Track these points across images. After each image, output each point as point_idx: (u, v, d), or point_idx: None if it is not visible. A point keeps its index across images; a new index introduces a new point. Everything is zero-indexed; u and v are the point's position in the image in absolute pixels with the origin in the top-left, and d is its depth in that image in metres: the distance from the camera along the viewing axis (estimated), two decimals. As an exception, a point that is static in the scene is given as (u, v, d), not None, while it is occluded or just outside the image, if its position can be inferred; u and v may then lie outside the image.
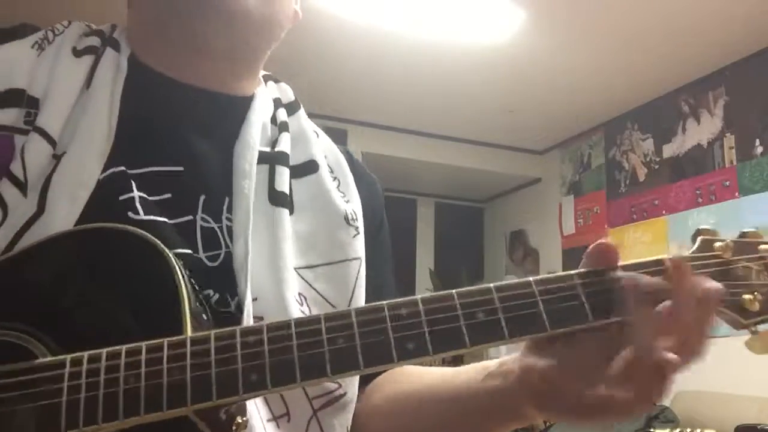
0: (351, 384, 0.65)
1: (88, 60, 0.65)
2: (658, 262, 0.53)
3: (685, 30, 3.28)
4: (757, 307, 0.54)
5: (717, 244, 0.56)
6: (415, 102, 4.27)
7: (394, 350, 0.47)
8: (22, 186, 0.57)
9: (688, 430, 3.02)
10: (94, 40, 0.68)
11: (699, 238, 0.57)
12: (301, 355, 0.46)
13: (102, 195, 0.58)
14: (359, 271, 0.68)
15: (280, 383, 0.46)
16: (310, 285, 0.64)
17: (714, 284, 0.50)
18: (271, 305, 0.59)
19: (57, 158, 0.59)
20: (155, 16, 0.68)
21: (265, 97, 0.73)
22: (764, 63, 3.47)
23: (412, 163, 4.87)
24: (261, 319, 0.58)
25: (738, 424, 2.87)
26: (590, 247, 0.53)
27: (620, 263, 0.53)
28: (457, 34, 3.36)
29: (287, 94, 0.77)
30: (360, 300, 0.67)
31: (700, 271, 0.54)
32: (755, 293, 0.54)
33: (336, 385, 0.63)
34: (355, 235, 0.69)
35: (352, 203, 0.71)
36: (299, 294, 0.62)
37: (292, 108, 0.75)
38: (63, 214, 0.55)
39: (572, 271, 0.53)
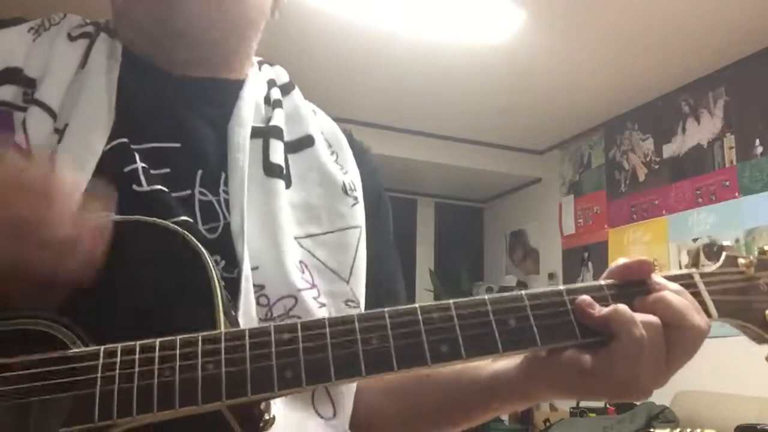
0: None
1: (83, 43, 0.68)
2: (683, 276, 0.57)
3: (685, 30, 3.28)
4: None
5: (741, 261, 0.58)
6: (415, 102, 4.27)
7: (428, 352, 0.48)
8: (26, 157, 0.57)
9: (688, 430, 3.02)
10: (89, 28, 0.70)
11: (723, 254, 0.59)
12: (335, 354, 0.47)
13: (107, 165, 0.59)
14: (359, 239, 0.69)
15: (314, 381, 0.46)
16: (311, 253, 0.65)
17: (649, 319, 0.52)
18: (271, 273, 0.60)
19: (59, 132, 0.60)
20: (125, 10, 0.69)
21: (258, 78, 0.75)
22: (764, 63, 3.47)
23: (412, 163, 4.87)
24: (262, 287, 0.59)
25: (738, 424, 2.87)
26: (630, 261, 0.56)
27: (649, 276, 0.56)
28: (457, 34, 3.36)
29: (281, 76, 0.79)
30: (361, 267, 0.68)
31: (725, 286, 0.57)
32: None
33: None
34: (353, 204, 0.70)
35: (350, 174, 0.73)
36: (300, 262, 0.63)
37: (286, 88, 0.77)
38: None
39: (602, 282, 0.55)
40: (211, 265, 0.52)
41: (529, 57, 3.59)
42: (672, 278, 0.56)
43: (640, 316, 0.51)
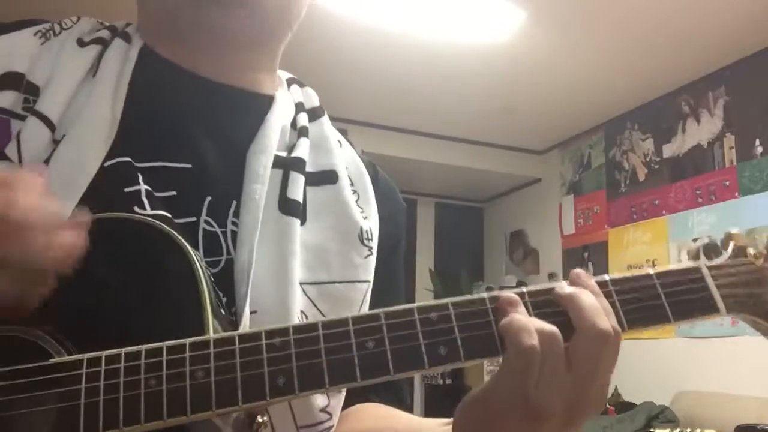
0: (337, 415, 0.62)
1: (94, 49, 0.63)
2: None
3: (685, 30, 3.28)
4: None
5: (751, 251, 0.55)
6: (415, 102, 4.27)
7: (426, 356, 0.46)
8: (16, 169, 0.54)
9: (688, 430, 3.02)
10: (104, 33, 0.66)
11: (731, 244, 0.56)
12: (329, 359, 0.45)
13: (106, 184, 0.55)
14: (365, 295, 0.65)
15: (308, 388, 0.44)
16: (314, 303, 0.60)
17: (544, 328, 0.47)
18: (270, 321, 0.55)
19: (56, 143, 0.57)
20: (169, 8, 0.65)
21: (286, 100, 0.70)
22: (764, 63, 3.47)
23: (412, 163, 4.87)
24: None
25: (738, 424, 2.87)
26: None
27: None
28: (457, 34, 3.36)
29: (311, 99, 0.74)
30: None
31: (734, 279, 0.53)
32: None
33: (327, 416, 0.60)
34: (367, 256, 0.65)
35: (369, 220, 0.67)
36: (301, 312, 0.59)
37: (314, 114, 0.72)
38: (59, 200, 0.52)
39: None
40: (198, 265, 0.49)
41: (529, 57, 3.59)
42: (679, 272, 0.52)
43: (537, 323, 0.46)
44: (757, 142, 3.49)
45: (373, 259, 0.66)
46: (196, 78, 0.65)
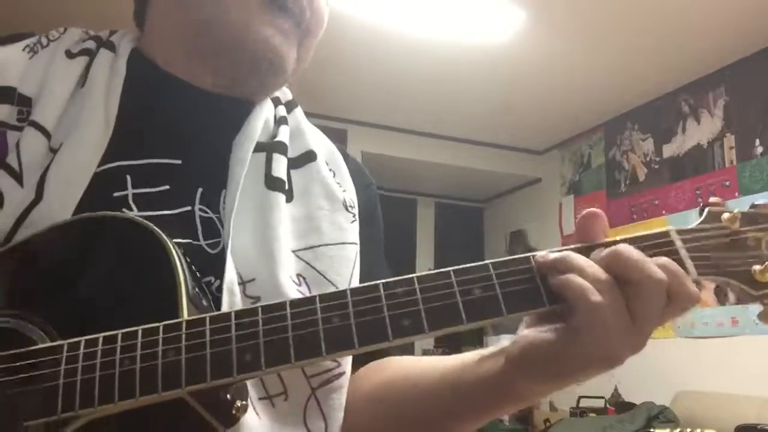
0: (347, 362, 0.65)
1: (82, 60, 0.67)
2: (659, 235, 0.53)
3: (685, 30, 3.28)
4: None
5: (725, 215, 0.54)
6: (415, 102, 4.27)
7: (389, 328, 0.47)
8: (17, 176, 0.58)
9: (688, 430, 3.02)
10: (90, 44, 0.70)
11: (706, 209, 0.55)
12: (295, 334, 0.47)
13: (97, 190, 0.59)
14: (356, 256, 0.69)
15: (274, 363, 0.46)
16: (311, 265, 0.65)
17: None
18: (266, 286, 0.60)
19: (53, 151, 0.60)
20: (188, 42, 0.70)
21: (267, 99, 0.77)
22: (764, 63, 3.47)
23: (412, 163, 4.87)
24: (258, 299, 0.59)
25: (738, 424, 2.87)
26: (580, 217, 0.53)
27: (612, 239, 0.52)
28: (457, 34, 3.36)
29: (285, 93, 0.81)
30: (357, 283, 0.67)
31: (706, 242, 0.53)
32: (766, 263, 0.52)
33: (335, 364, 0.63)
34: (352, 221, 0.71)
35: (348, 192, 0.74)
36: (297, 275, 0.63)
37: (290, 106, 0.79)
38: (60, 203, 0.57)
39: (571, 245, 0.53)
40: (176, 254, 0.52)
41: (529, 57, 3.59)
42: (648, 237, 0.52)
43: (591, 275, 0.47)
44: (757, 142, 3.48)
45: (356, 225, 0.71)
46: (188, 86, 0.70)
